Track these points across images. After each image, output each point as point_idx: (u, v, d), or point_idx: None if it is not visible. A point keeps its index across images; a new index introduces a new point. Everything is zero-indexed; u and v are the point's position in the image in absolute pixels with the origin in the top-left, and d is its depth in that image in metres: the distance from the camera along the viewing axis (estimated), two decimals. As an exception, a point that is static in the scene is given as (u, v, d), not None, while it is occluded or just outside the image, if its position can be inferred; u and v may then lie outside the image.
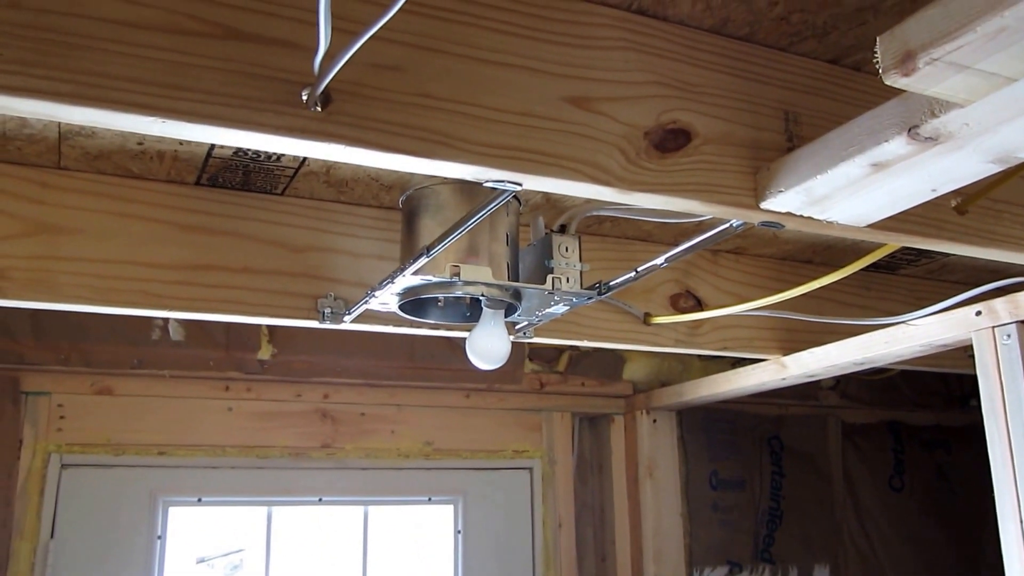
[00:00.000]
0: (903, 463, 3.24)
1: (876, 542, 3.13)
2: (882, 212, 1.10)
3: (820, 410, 3.14)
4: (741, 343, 2.08)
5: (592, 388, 2.83)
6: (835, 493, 3.11)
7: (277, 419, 2.49)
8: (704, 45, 1.17)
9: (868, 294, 2.21)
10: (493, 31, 1.05)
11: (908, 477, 3.24)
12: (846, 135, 0.98)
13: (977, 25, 0.70)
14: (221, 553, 2.49)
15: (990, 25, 0.70)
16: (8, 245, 1.49)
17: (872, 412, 3.23)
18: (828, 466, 3.12)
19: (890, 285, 2.26)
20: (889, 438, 3.26)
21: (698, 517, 2.86)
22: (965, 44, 0.72)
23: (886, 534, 3.15)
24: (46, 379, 2.29)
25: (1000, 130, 0.87)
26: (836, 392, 3.15)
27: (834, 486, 3.11)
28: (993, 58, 0.74)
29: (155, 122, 0.87)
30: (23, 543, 2.20)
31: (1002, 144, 0.90)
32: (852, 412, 3.20)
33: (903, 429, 3.29)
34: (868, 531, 3.13)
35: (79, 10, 0.87)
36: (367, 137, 0.95)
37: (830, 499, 3.10)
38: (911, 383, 3.23)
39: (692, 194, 1.08)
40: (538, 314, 1.63)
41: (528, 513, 2.73)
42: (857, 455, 3.19)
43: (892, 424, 3.28)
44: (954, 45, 0.73)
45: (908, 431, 3.29)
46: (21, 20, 0.85)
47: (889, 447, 3.25)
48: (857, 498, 3.15)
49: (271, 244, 1.65)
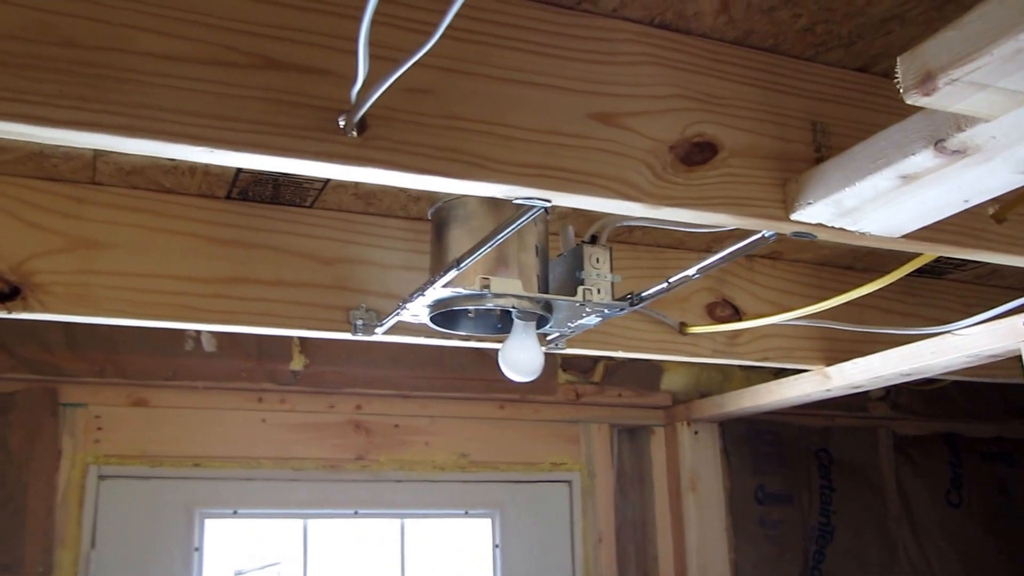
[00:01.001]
0: (961, 477, 3.24)
1: (933, 560, 3.12)
2: (915, 223, 1.15)
3: (870, 422, 3.15)
4: (781, 353, 2.11)
5: (630, 399, 2.88)
6: (889, 508, 3.12)
7: (311, 430, 2.58)
8: (728, 57, 1.22)
9: (913, 300, 2.23)
10: (519, 51, 1.11)
11: (967, 492, 3.23)
12: (873, 148, 1.03)
13: (993, 48, 0.75)
14: (258, 566, 2.58)
15: (1006, 48, 0.74)
16: (48, 261, 1.59)
17: (926, 424, 3.24)
18: (880, 480, 3.13)
19: (936, 291, 2.27)
20: (945, 451, 3.25)
21: (744, 532, 2.89)
22: (983, 65, 0.77)
23: (944, 552, 3.14)
24: (83, 391, 2.40)
25: (1027, 143, 0.91)
26: (886, 403, 3.15)
27: (887, 501, 3.12)
28: (1012, 77, 0.79)
29: (204, 152, 0.96)
30: (66, 552, 2.32)
31: (1030, 156, 0.94)
32: (904, 424, 3.20)
33: (960, 441, 3.28)
34: (925, 548, 3.13)
35: (129, 46, 0.96)
36: (402, 161, 1.02)
37: (883, 514, 3.10)
38: (965, 393, 3.22)
39: (721, 207, 1.14)
40: (570, 325, 1.69)
41: (567, 527, 2.78)
42: (911, 469, 3.19)
43: (948, 436, 3.27)
44: (973, 66, 0.77)
45: (966, 443, 3.28)
46: (77, 58, 0.94)
47: (945, 460, 3.24)
48: (912, 514, 3.14)
49: (302, 256, 1.73)
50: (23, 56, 0.93)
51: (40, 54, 0.94)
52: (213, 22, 1.01)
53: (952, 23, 0.79)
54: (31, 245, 1.58)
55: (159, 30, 0.98)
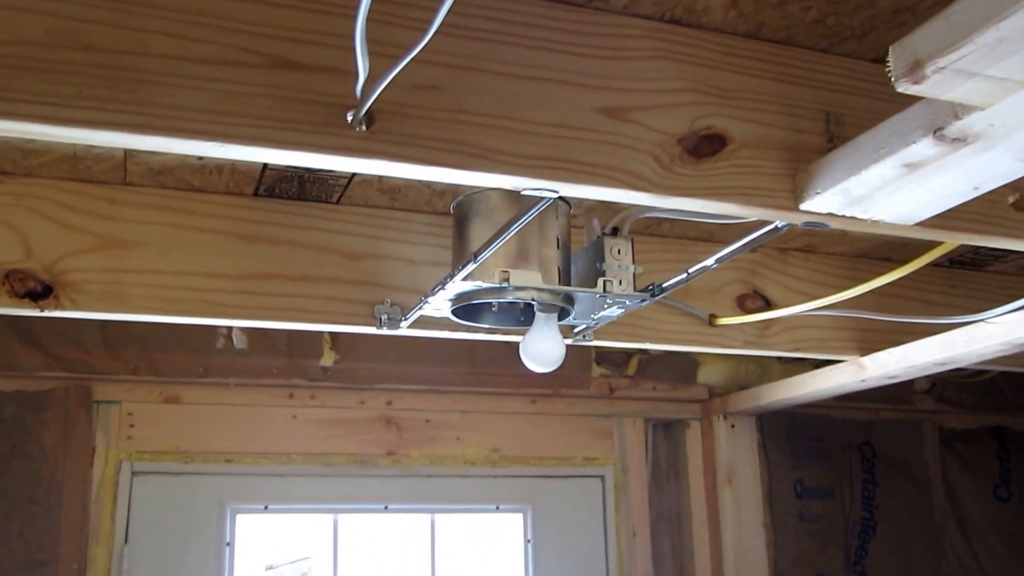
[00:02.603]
0: (1009, 471, 3.22)
1: (982, 556, 3.12)
2: (927, 210, 1.18)
3: (914, 415, 3.15)
4: (814, 344, 2.14)
5: (665, 392, 2.92)
6: (934, 503, 3.12)
7: (341, 426, 2.66)
8: (740, 50, 1.26)
9: (954, 292, 2.24)
10: (528, 48, 1.17)
11: (1016, 486, 3.21)
12: (877, 137, 1.06)
13: (976, 36, 0.79)
14: (289, 561, 2.67)
15: (988, 36, 0.78)
16: (81, 260, 1.68)
17: (973, 417, 3.23)
18: (926, 474, 3.13)
19: (978, 283, 2.28)
20: (993, 444, 3.24)
21: (783, 527, 2.91)
22: (969, 53, 0.81)
23: (994, 547, 3.13)
24: (117, 388, 2.51)
25: (1029, 129, 0.94)
26: (932, 396, 3.15)
27: (933, 495, 3.12)
28: (1000, 64, 0.82)
29: (214, 147, 1.03)
30: (99, 548, 2.43)
31: (1034, 142, 0.97)
32: (950, 417, 3.20)
33: (1009, 435, 3.27)
34: (973, 544, 3.12)
35: (145, 49, 1.03)
36: (408, 153, 1.09)
37: (929, 509, 3.11)
38: (1014, 385, 3.20)
39: (729, 198, 1.18)
40: (593, 317, 1.74)
41: (600, 522, 2.84)
42: (958, 463, 3.18)
43: (996, 429, 3.26)
44: (959, 55, 0.81)
45: (1015, 437, 3.27)
46: (96, 61, 1.01)
47: (993, 454, 3.23)
48: (959, 509, 3.14)
49: (328, 252, 1.80)
50: (45, 61, 1.01)
51: (61, 59, 1.02)
52: (225, 24, 1.08)
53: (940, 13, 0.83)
54: (64, 245, 1.67)
55: (174, 33, 1.06)
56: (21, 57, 1.00)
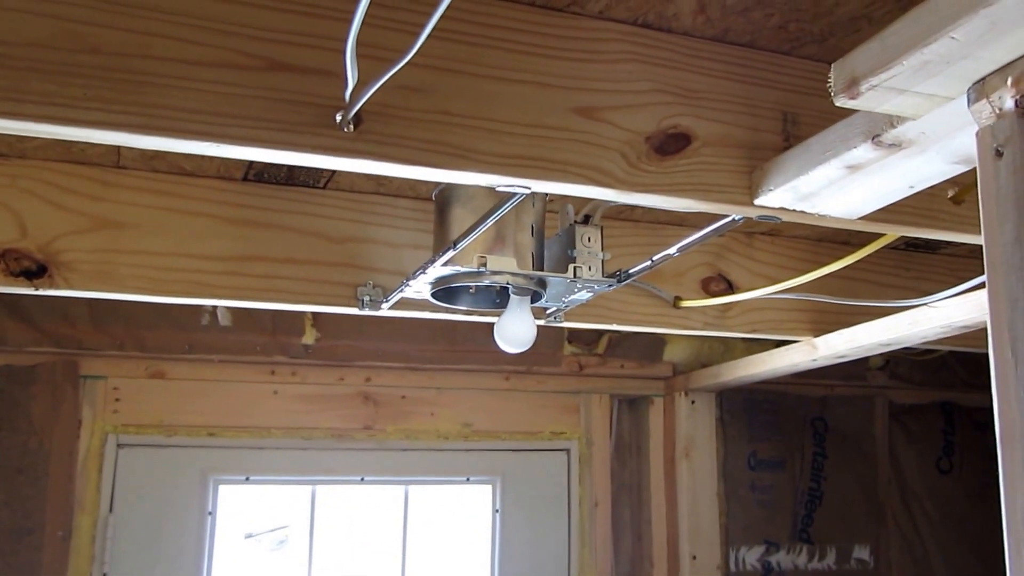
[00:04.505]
0: (953, 444, 3.38)
1: (921, 524, 3.27)
2: (869, 206, 1.27)
3: (867, 391, 3.29)
4: (771, 325, 2.24)
5: (632, 370, 3.02)
6: (880, 474, 3.26)
7: (321, 402, 2.73)
8: (706, 53, 1.34)
9: (907, 275, 2.33)
10: (508, 51, 1.24)
11: (957, 459, 3.37)
12: (824, 140, 1.15)
13: (904, 59, 0.87)
14: (268, 529, 2.75)
15: (915, 59, 0.87)
16: (74, 240, 1.73)
17: (923, 393, 3.36)
18: (873, 447, 3.27)
19: (930, 265, 2.37)
20: (940, 419, 3.39)
21: (735, 497, 3.04)
22: (899, 73, 0.89)
23: (932, 516, 3.29)
24: (103, 363, 2.57)
25: (956, 136, 1.04)
26: (885, 372, 3.28)
27: (879, 467, 3.27)
28: (926, 83, 0.91)
29: (212, 147, 1.09)
30: (84, 517, 2.49)
31: (961, 148, 1.06)
32: (901, 393, 3.34)
33: (956, 410, 3.41)
34: (913, 513, 3.28)
35: (148, 52, 1.08)
36: (394, 153, 1.15)
37: (874, 480, 3.25)
38: (964, 363, 3.34)
39: (689, 193, 1.26)
40: (564, 300, 1.82)
41: (565, 493, 2.95)
42: (905, 436, 3.33)
43: (944, 405, 3.40)
44: (889, 74, 0.90)
45: (961, 412, 3.41)
46: (100, 63, 1.07)
47: (939, 428, 3.38)
48: (903, 479, 3.29)
49: (313, 235, 1.86)
50: (53, 63, 1.06)
51: (68, 60, 1.06)
52: (223, 28, 1.13)
53: (875, 35, 0.91)
54: (58, 225, 1.72)
55: (174, 36, 1.11)
56: (29, 59, 1.05)
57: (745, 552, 3.02)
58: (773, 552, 3.07)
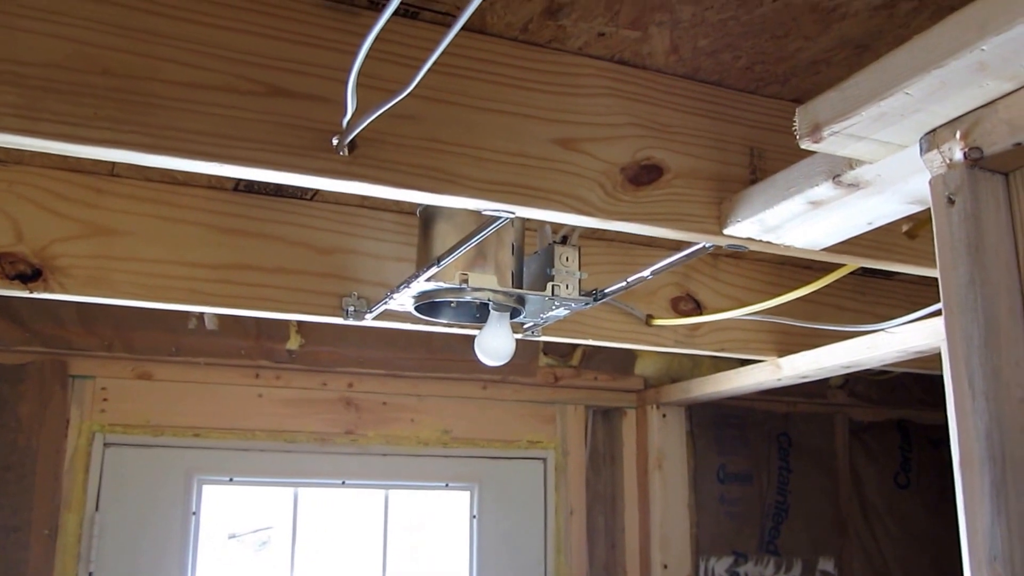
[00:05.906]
0: (910, 461, 3.46)
1: (881, 538, 3.34)
2: (831, 239, 1.33)
3: (828, 408, 3.36)
4: (737, 344, 2.30)
5: (605, 382, 3.07)
6: (841, 489, 3.33)
7: (304, 406, 2.76)
8: (679, 89, 1.40)
9: (863, 299, 2.41)
10: (494, 84, 1.29)
11: (914, 475, 3.45)
12: (788, 177, 1.21)
13: (863, 110, 0.93)
14: (251, 530, 2.77)
15: (873, 111, 0.93)
16: (69, 245, 1.75)
17: (880, 411, 3.44)
18: (835, 463, 3.34)
19: (886, 290, 2.46)
20: (897, 436, 3.47)
21: (705, 508, 3.10)
22: (858, 122, 0.95)
23: (891, 530, 3.36)
24: (91, 364, 2.58)
25: (910, 179, 1.10)
26: (844, 391, 3.36)
27: (840, 482, 3.33)
28: (883, 132, 0.97)
29: (215, 167, 1.13)
30: (71, 515, 2.50)
31: (915, 190, 1.12)
32: (860, 411, 3.41)
33: (912, 428, 3.49)
34: (873, 527, 3.35)
35: (157, 75, 1.13)
36: (386, 176, 1.20)
37: (836, 494, 3.32)
38: (920, 383, 3.43)
39: (662, 222, 1.32)
40: (542, 316, 1.87)
41: (541, 501, 2.99)
42: (865, 453, 3.40)
43: (900, 423, 3.48)
44: (850, 123, 0.96)
45: (917, 430, 3.50)
46: (111, 85, 1.11)
47: (896, 445, 3.46)
48: (863, 494, 3.36)
49: (301, 246, 1.89)
50: (66, 83, 1.10)
51: (80, 81, 1.10)
52: (228, 55, 1.17)
53: (836, 86, 0.97)
54: (53, 231, 1.74)
55: (182, 61, 1.15)
56: (45, 79, 1.08)
57: (714, 562, 3.07)
58: (742, 563, 3.12)
